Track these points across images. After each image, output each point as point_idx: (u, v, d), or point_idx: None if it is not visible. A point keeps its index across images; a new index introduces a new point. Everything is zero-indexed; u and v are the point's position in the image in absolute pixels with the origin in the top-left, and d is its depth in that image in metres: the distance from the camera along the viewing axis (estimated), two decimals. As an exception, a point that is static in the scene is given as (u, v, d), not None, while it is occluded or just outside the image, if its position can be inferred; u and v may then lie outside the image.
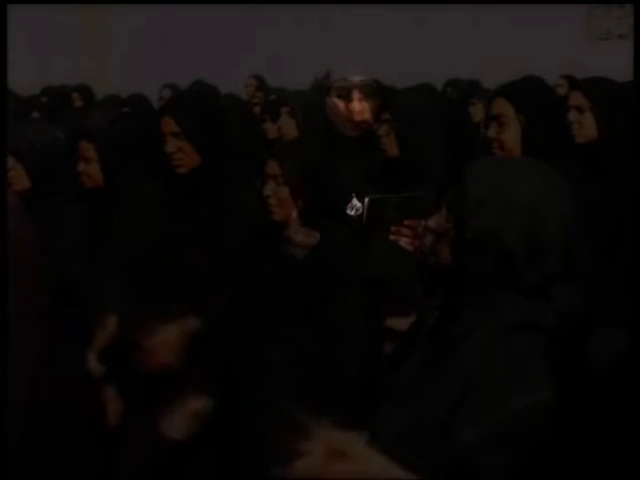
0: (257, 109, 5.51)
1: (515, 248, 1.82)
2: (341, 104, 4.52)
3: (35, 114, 5.72)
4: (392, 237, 2.90)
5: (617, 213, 2.88)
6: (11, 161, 3.36)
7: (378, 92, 4.60)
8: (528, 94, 2.90)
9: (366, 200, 3.00)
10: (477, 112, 5.39)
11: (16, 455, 2.92)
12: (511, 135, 2.85)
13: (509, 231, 1.82)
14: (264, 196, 3.04)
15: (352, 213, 3.09)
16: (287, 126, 4.53)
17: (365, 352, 2.97)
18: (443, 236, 1.89)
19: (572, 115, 3.10)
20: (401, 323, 2.13)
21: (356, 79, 4.63)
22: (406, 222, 2.91)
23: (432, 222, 1.92)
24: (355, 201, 3.17)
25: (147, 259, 3.27)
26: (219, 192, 3.21)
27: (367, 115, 4.45)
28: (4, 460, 2.11)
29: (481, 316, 1.82)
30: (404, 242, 2.89)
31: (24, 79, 6.86)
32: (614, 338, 2.19)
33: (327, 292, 2.96)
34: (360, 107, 4.45)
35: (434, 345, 1.89)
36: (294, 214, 3.03)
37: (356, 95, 4.49)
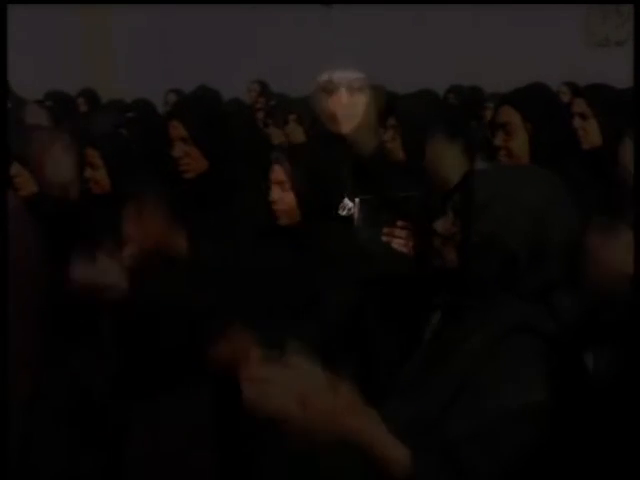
0: (260, 114, 5.53)
1: (518, 253, 1.85)
2: (327, 99, 4.50)
3: (39, 119, 5.70)
4: (385, 238, 2.90)
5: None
6: (17, 167, 3.37)
7: (380, 95, 4.60)
8: (534, 102, 2.91)
9: (356, 200, 3.01)
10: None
11: (16, 455, 2.94)
12: (518, 143, 2.86)
13: (513, 236, 1.85)
14: (270, 201, 3.06)
15: (344, 213, 3.11)
16: (295, 133, 4.55)
17: (362, 352, 3.00)
18: (449, 239, 1.93)
19: (576, 122, 3.11)
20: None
21: (345, 75, 4.61)
22: (399, 223, 2.92)
23: (439, 226, 1.96)
24: (347, 201, 3.19)
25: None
26: (226, 197, 3.22)
27: (358, 110, 4.43)
28: (4, 460, 2.12)
29: (482, 318, 1.85)
30: (397, 243, 2.89)
31: (24, 81, 6.86)
32: (613, 347, 2.21)
33: (328, 293, 2.99)
34: (348, 101, 4.43)
35: (436, 346, 1.93)
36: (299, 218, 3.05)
37: (344, 90, 4.47)
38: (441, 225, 1.95)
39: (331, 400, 1.67)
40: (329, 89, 4.48)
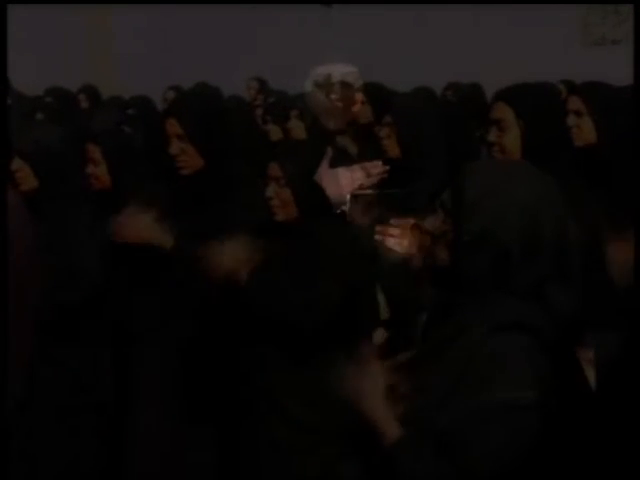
0: (259, 111, 5.53)
1: (511, 248, 1.85)
2: (321, 94, 4.51)
3: (39, 115, 5.72)
4: (377, 237, 2.91)
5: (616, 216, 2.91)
6: (18, 162, 3.38)
7: (376, 91, 4.62)
8: (528, 98, 2.91)
9: (348, 196, 3.03)
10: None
11: (16, 455, 2.94)
12: (511, 139, 2.86)
13: (506, 232, 1.86)
14: (266, 198, 3.08)
15: (339, 210, 3.13)
16: (296, 129, 4.56)
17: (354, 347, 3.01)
18: (440, 238, 1.93)
19: (571, 119, 3.12)
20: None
21: (338, 69, 4.61)
22: (392, 221, 2.93)
23: (428, 224, 1.97)
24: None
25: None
26: (223, 194, 3.23)
27: (351, 104, 4.43)
28: (4, 459, 2.12)
29: (474, 316, 1.86)
30: (391, 242, 2.90)
31: (24, 80, 6.88)
32: (609, 342, 2.23)
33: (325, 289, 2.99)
34: (342, 95, 4.43)
35: (428, 345, 1.95)
36: (296, 214, 3.07)
37: (338, 84, 4.47)
38: (431, 223, 1.95)
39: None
40: (322, 83, 4.48)
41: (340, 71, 4.25)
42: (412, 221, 2.94)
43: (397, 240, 2.95)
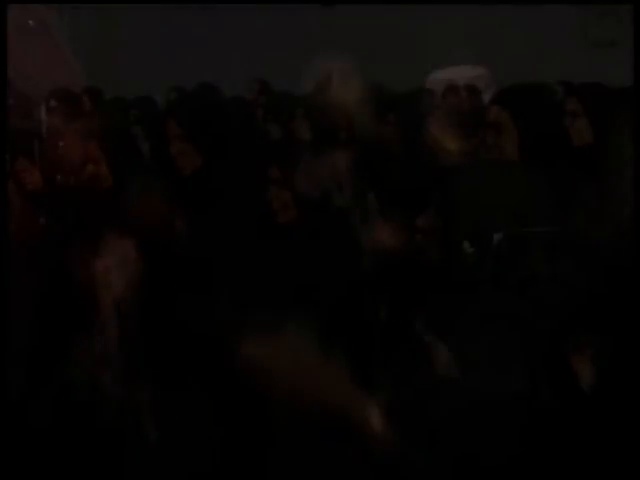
0: (260, 112, 5.55)
1: (501, 246, 1.87)
2: (322, 95, 4.52)
3: (44, 116, 5.75)
4: (377, 232, 2.94)
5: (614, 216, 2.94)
6: (23, 162, 3.42)
7: (377, 92, 4.64)
8: (524, 101, 2.94)
9: (342, 188, 3.05)
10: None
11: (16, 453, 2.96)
12: (508, 141, 2.90)
13: (496, 229, 1.87)
14: (266, 200, 3.10)
15: (338, 205, 3.16)
16: (301, 128, 4.58)
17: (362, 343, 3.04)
18: (431, 235, 1.96)
19: (568, 120, 3.15)
20: None
21: (339, 69, 4.63)
22: (390, 217, 2.96)
23: (420, 221, 2.00)
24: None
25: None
26: (223, 194, 3.26)
27: (351, 104, 4.45)
28: (4, 460, 2.12)
29: (464, 312, 1.87)
30: (387, 237, 2.93)
31: (27, 80, 6.91)
32: (609, 342, 2.25)
33: (327, 288, 3.03)
34: (339, 91, 4.45)
35: (421, 339, 1.97)
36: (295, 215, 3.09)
37: (336, 79, 4.49)
38: (422, 221, 1.99)
39: (320, 376, 1.71)
40: (325, 85, 4.50)
41: (341, 71, 4.28)
42: (410, 218, 2.98)
43: (396, 237, 2.98)
